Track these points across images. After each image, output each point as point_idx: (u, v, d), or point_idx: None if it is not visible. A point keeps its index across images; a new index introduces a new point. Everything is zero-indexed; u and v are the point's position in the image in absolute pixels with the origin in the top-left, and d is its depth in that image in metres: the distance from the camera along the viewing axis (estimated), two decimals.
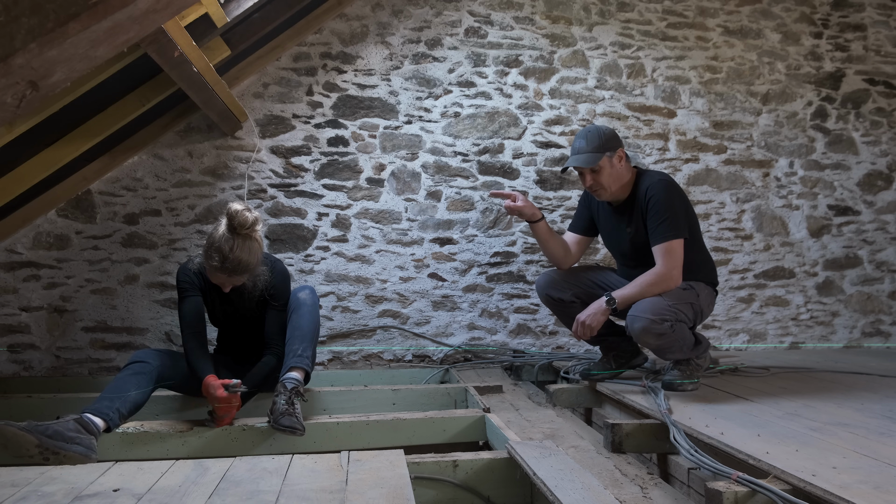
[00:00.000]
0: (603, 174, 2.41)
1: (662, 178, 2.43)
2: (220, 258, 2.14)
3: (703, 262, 2.52)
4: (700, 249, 2.53)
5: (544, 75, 3.65)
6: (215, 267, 2.16)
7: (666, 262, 2.32)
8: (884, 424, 1.87)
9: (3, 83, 1.06)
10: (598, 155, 2.39)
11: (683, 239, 2.35)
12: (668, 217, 2.33)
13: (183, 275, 2.37)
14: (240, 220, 2.14)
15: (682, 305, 2.31)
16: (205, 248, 2.21)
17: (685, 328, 2.32)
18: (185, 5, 1.21)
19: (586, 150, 2.42)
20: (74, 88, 2.33)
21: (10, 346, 3.12)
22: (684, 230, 2.36)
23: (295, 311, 2.36)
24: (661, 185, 2.39)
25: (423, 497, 1.72)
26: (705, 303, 2.45)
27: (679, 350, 2.33)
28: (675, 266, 2.32)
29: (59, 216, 3.18)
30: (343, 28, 3.47)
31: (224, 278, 2.22)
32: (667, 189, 2.38)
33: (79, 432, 1.86)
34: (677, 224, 2.34)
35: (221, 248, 2.14)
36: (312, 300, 2.41)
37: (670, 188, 2.40)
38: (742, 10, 3.86)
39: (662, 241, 2.33)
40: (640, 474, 1.72)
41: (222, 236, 2.16)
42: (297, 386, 2.13)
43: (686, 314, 2.33)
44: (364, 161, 3.46)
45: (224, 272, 2.17)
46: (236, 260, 2.15)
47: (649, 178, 2.45)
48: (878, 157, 3.95)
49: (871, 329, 3.89)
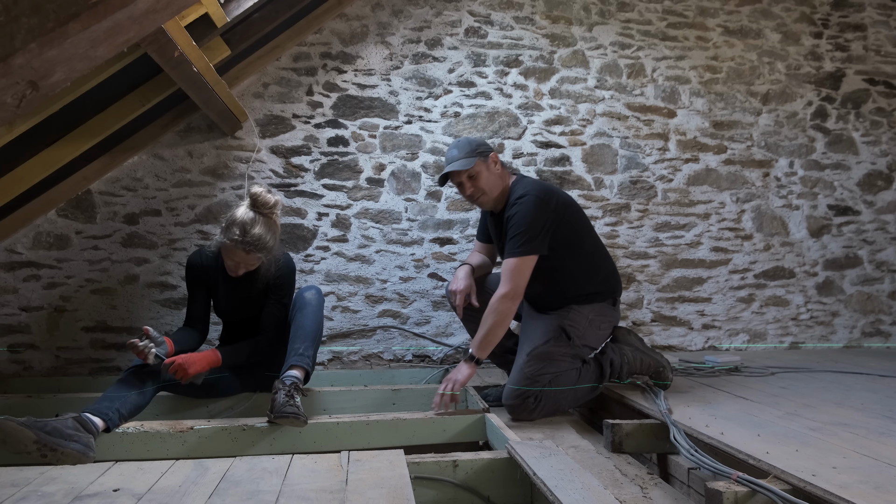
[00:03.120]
0: (481, 178, 2.35)
1: (529, 192, 2.31)
2: (240, 232, 2.20)
3: (590, 275, 2.40)
4: (587, 263, 2.41)
5: (544, 75, 3.65)
6: (236, 241, 2.20)
7: (506, 281, 2.24)
8: (884, 424, 1.87)
9: (3, 83, 1.06)
10: (472, 159, 2.34)
11: (535, 256, 2.25)
12: (521, 233, 2.25)
13: (189, 271, 2.45)
14: (262, 199, 2.26)
15: (547, 367, 2.24)
16: (224, 225, 2.26)
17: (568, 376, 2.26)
18: (185, 5, 1.21)
19: (460, 157, 2.36)
20: (74, 88, 2.33)
21: (10, 346, 3.12)
22: (538, 247, 2.26)
23: (300, 310, 2.36)
24: (524, 202, 2.28)
25: (423, 497, 1.72)
26: (597, 324, 2.36)
27: (572, 401, 2.29)
28: (516, 285, 2.23)
29: (59, 216, 3.18)
30: (343, 28, 3.47)
31: (242, 255, 2.25)
32: (528, 205, 2.27)
33: (77, 430, 1.86)
34: (529, 240, 2.24)
35: (243, 223, 2.21)
36: (318, 301, 2.41)
37: (534, 203, 2.27)
38: (742, 10, 3.86)
39: (508, 257, 2.26)
40: (640, 474, 1.72)
41: (244, 213, 2.25)
42: (296, 382, 2.12)
43: (558, 369, 2.25)
44: (364, 161, 3.46)
45: (243, 246, 2.21)
46: (256, 235, 2.22)
47: (520, 188, 2.35)
48: (878, 157, 3.95)
49: (871, 329, 3.89)
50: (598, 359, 2.35)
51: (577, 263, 2.36)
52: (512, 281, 2.23)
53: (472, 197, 2.40)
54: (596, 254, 2.45)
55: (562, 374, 2.25)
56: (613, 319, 2.47)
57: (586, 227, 2.46)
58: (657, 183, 3.72)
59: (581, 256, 2.37)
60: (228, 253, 2.27)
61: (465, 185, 2.39)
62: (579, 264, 2.37)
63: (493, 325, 2.25)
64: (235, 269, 2.32)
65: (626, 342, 2.43)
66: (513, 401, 2.21)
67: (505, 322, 2.27)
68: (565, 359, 2.28)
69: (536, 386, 2.20)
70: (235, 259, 2.27)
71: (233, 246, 2.23)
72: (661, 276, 3.71)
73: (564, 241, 2.33)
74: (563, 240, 2.32)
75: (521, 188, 2.35)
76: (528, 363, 2.24)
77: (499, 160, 2.42)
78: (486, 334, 2.25)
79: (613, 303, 2.46)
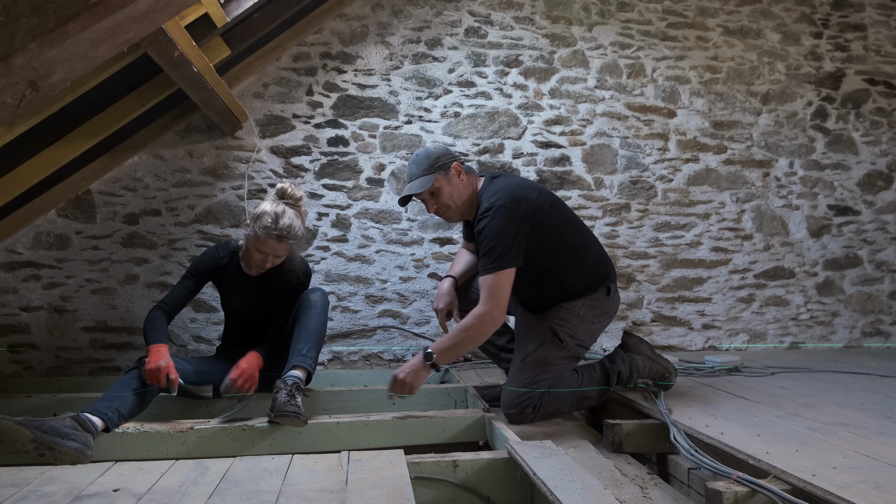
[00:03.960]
0: (443, 194, 2.24)
1: (495, 202, 2.16)
2: (272, 220, 2.27)
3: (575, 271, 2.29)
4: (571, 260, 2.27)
5: (544, 75, 3.65)
6: (268, 228, 2.26)
7: (486, 300, 2.11)
8: (884, 424, 1.87)
9: (3, 83, 1.06)
10: (431, 176, 2.23)
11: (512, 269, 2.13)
12: (492, 248, 2.11)
13: (204, 261, 2.47)
14: (290, 192, 2.37)
15: (543, 372, 2.18)
16: (253, 217, 2.32)
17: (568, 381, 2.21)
18: (185, 5, 1.21)
19: (418, 175, 2.25)
20: (74, 88, 2.33)
21: (10, 346, 3.12)
22: (512, 259, 2.12)
23: (305, 311, 2.36)
24: (492, 214, 2.15)
25: (423, 497, 1.72)
26: (589, 318, 2.28)
27: (572, 406, 2.25)
28: (497, 304, 2.10)
29: (59, 216, 3.18)
30: (343, 28, 3.47)
31: (273, 244, 2.30)
32: (496, 218, 2.14)
33: (75, 429, 1.85)
34: (502, 254, 2.11)
35: (274, 213, 2.29)
36: (323, 303, 2.41)
37: (502, 215, 2.14)
38: (742, 10, 3.86)
39: (483, 273, 2.13)
40: (640, 474, 1.72)
41: (272, 205, 2.32)
42: (297, 382, 2.13)
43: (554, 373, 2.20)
44: (364, 161, 3.46)
45: (276, 232, 2.27)
46: (287, 223, 2.29)
47: (487, 198, 2.21)
48: (878, 157, 3.95)
49: (871, 329, 3.89)
50: (606, 367, 2.29)
51: (560, 263, 2.26)
52: (492, 300, 2.10)
53: (438, 213, 2.30)
54: (580, 247, 2.32)
55: (560, 380, 2.20)
56: (609, 309, 2.36)
57: (566, 222, 2.32)
58: (657, 183, 3.72)
59: (564, 254, 2.26)
60: (259, 244, 2.31)
61: (428, 202, 2.29)
62: (562, 264, 2.26)
63: (466, 341, 2.13)
64: (263, 264, 2.36)
65: (637, 351, 2.36)
66: (511, 410, 2.18)
67: (480, 341, 2.18)
68: (560, 362, 2.23)
69: (536, 390, 2.18)
70: (266, 250, 2.31)
71: (265, 235, 2.27)
72: (661, 276, 3.71)
73: (542, 244, 2.22)
74: (541, 243, 2.22)
75: (487, 198, 2.21)
76: (522, 370, 2.20)
77: (462, 170, 2.28)
78: (456, 346, 2.13)
79: (608, 291, 2.34)
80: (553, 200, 2.32)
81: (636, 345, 2.39)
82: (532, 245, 2.19)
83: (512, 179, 2.33)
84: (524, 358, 2.23)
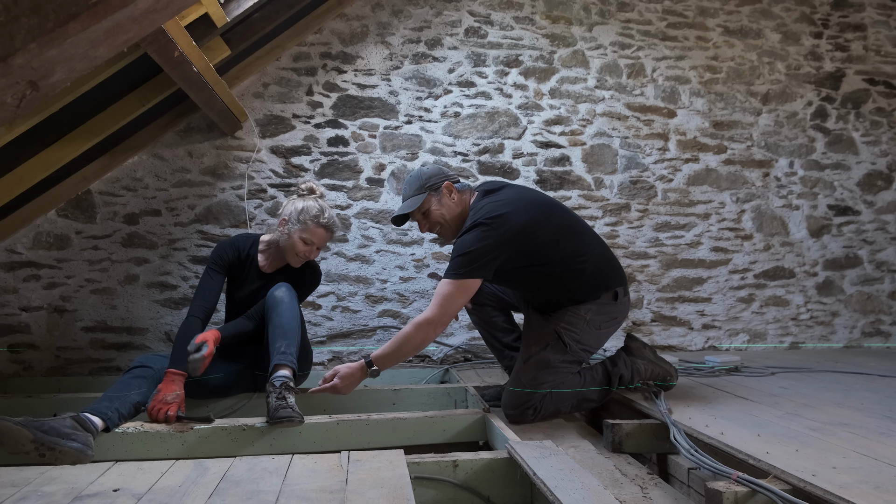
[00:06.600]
0: (433, 214, 2.29)
1: (478, 218, 2.15)
2: (318, 212, 2.41)
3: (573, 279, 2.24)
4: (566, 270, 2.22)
5: (544, 75, 3.65)
6: (317, 218, 2.40)
7: (433, 307, 2.11)
8: (884, 424, 1.87)
9: (3, 83, 1.06)
10: (420, 196, 2.28)
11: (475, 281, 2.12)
12: (459, 255, 2.10)
13: (227, 251, 2.51)
14: (319, 190, 2.53)
15: (545, 374, 2.17)
16: (297, 214, 2.41)
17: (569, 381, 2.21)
18: (185, 5, 1.21)
19: (409, 196, 2.31)
20: (74, 88, 2.33)
21: (10, 346, 3.12)
22: (478, 271, 2.10)
23: (274, 308, 2.30)
24: (471, 228, 2.14)
25: (423, 497, 1.72)
26: (595, 323, 2.25)
27: (573, 408, 2.25)
28: (442, 314, 2.09)
29: (59, 216, 3.18)
30: (343, 28, 3.47)
31: (323, 235, 2.43)
32: (473, 230, 2.12)
33: (75, 429, 1.85)
34: (469, 263, 2.08)
35: (319, 207, 2.43)
36: (290, 296, 2.34)
37: (481, 229, 2.11)
38: (742, 10, 3.87)
39: (445, 277, 2.13)
40: (640, 474, 1.72)
41: (311, 202, 2.44)
42: (285, 382, 2.11)
43: (556, 376, 2.18)
44: (364, 161, 3.46)
45: (324, 223, 2.41)
46: (333, 216, 2.47)
47: (472, 214, 2.21)
48: (878, 157, 3.96)
49: (871, 329, 3.89)
50: (608, 370, 2.28)
51: (555, 268, 2.21)
52: (440, 307, 2.09)
53: (432, 231, 2.34)
54: (578, 252, 2.24)
55: (562, 383, 2.20)
56: (617, 314, 2.32)
57: (564, 228, 2.25)
58: (657, 183, 3.72)
59: (559, 261, 2.20)
60: (308, 234, 2.40)
61: (420, 222, 2.35)
62: (558, 269, 2.22)
63: (405, 347, 2.14)
64: (308, 255, 2.44)
65: (639, 355, 2.35)
66: (512, 410, 2.18)
67: (419, 348, 2.18)
68: (562, 366, 2.22)
69: (538, 391, 2.18)
70: (314, 240, 2.42)
71: (314, 225, 2.40)
72: (661, 276, 3.71)
73: (532, 255, 2.18)
74: (530, 255, 2.17)
75: (472, 214, 2.21)
76: (524, 370, 2.20)
77: (454, 189, 2.30)
78: (395, 352, 2.15)
79: (615, 296, 2.29)
80: (549, 210, 2.26)
81: (639, 349, 2.38)
82: (522, 256, 2.17)
83: (503, 195, 2.27)
84: (527, 359, 2.23)
